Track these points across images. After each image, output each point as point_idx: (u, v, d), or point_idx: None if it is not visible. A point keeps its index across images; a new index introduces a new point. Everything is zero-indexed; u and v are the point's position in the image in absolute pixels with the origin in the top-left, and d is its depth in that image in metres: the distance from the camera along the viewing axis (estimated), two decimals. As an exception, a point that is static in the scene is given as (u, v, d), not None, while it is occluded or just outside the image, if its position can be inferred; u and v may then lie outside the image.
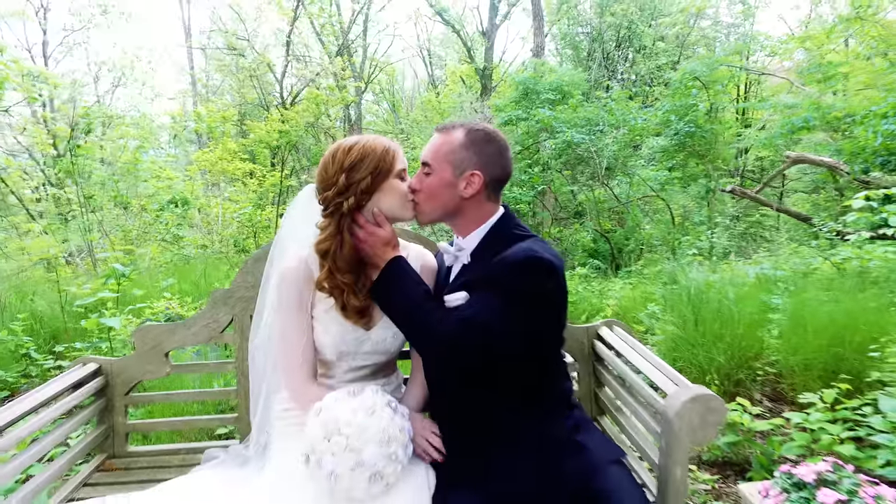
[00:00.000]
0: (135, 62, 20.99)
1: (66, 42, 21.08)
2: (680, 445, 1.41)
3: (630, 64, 14.83)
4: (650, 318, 3.87)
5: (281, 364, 1.53)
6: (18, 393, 3.63)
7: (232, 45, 16.82)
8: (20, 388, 3.62)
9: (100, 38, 30.85)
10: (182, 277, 4.60)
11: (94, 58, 22.59)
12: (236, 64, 16.59)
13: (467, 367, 1.40)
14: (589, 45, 15.48)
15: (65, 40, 20.83)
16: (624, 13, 13.18)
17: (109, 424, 1.93)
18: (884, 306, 2.93)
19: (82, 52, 36.13)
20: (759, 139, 7.46)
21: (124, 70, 21.05)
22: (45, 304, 3.93)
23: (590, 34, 15.35)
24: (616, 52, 14.56)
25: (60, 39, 20.55)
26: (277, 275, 1.54)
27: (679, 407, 1.39)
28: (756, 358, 3.16)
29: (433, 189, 1.49)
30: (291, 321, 1.50)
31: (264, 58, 15.79)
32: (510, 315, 1.35)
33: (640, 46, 14.11)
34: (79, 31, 20.69)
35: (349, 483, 1.29)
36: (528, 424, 1.46)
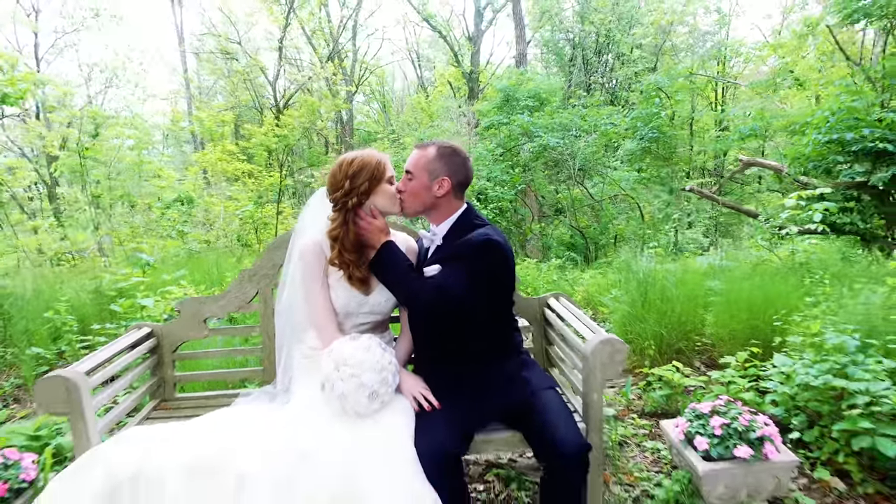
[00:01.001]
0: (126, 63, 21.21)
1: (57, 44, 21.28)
2: (594, 376, 1.91)
3: (609, 70, 15.40)
4: (612, 301, 4.39)
5: (311, 319, 2.01)
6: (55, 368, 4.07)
7: (224, 49, 17.09)
8: (56, 364, 4.07)
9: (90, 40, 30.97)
10: (192, 269, 5.05)
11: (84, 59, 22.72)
12: (229, 67, 16.93)
13: (441, 317, 1.91)
14: (571, 52, 16.03)
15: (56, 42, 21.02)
16: (602, 22, 13.71)
17: (161, 375, 2.40)
18: (793, 287, 3.47)
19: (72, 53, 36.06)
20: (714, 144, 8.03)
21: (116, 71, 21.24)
22: (72, 291, 4.38)
23: (572, 41, 15.92)
24: (595, 59, 15.14)
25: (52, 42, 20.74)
26: (297, 253, 2.03)
27: (593, 347, 1.90)
28: (695, 331, 3.69)
29: (414, 191, 1.99)
30: (314, 287, 1.98)
31: (257, 62, 16.17)
32: (471, 281, 1.85)
33: (619, 53, 14.70)
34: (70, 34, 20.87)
35: (354, 400, 1.78)
36: (490, 360, 1.97)
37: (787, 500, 2.29)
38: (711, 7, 16.14)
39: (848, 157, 5.10)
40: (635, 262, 4.03)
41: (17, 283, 4.48)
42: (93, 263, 6.35)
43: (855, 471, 2.36)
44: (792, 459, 2.20)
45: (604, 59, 15.70)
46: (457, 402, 1.87)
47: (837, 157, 5.03)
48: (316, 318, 2.00)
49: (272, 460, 1.71)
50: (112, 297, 3.92)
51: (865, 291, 3.11)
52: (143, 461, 1.74)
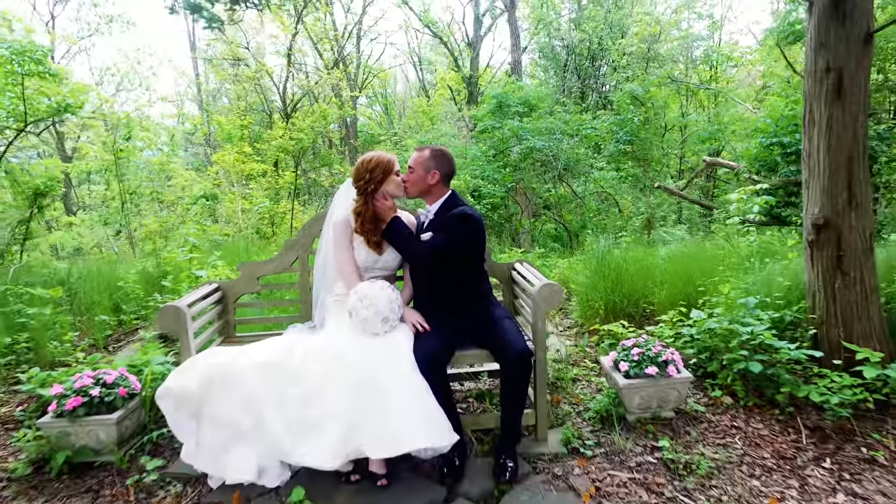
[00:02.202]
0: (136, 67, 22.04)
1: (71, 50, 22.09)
2: (539, 308, 2.72)
3: (602, 76, 16.20)
4: (580, 277, 5.20)
5: (340, 272, 2.81)
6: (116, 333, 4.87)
7: (235, 55, 17.86)
8: (118, 329, 4.88)
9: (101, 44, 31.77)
10: (223, 253, 5.85)
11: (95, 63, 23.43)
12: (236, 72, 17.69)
13: (433, 268, 2.72)
14: (565, 58, 16.83)
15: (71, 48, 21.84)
16: (593, 30, 14.51)
17: (225, 319, 3.21)
18: (719, 261, 4.29)
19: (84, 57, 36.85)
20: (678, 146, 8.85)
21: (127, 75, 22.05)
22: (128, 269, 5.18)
23: (566, 48, 16.72)
24: (589, 65, 15.96)
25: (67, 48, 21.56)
26: (332, 225, 2.84)
27: (538, 288, 2.70)
28: (643, 299, 4.49)
29: (415, 180, 2.80)
30: (343, 249, 2.79)
31: (266, 68, 16.98)
32: (453, 242, 2.66)
33: (610, 60, 15.49)
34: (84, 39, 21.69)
35: (372, 323, 2.58)
36: (467, 300, 2.78)
37: (687, 409, 3.09)
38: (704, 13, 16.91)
39: (787, 158, 5.90)
40: (597, 246, 4.84)
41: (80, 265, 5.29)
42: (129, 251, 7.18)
43: (739, 389, 3.16)
44: (687, 376, 3.01)
45: (597, 65, 16.51)
46: (442, 328, 2.68)
47: (777, 158, 5.83)
48: (343, 270, 2.80)
49: (316, 359, 2.53)
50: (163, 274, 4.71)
51: (771, 264, 3.92)
52: (228, 363, 2.57)
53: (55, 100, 5.57)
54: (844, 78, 3.00)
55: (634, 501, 2.39)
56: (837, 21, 2.97)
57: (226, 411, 2.52)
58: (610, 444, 2.83)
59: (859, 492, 2.36)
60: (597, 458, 2.72)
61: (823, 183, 3.12)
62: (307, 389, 2.48)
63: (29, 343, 4.13)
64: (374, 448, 2.33)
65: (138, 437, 2.96)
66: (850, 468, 2.53)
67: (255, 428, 2.49)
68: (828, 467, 2.55)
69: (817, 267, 3.21)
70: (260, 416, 2.49)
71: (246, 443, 2.52)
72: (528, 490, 2.50)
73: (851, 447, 2.68)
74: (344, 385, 2.44)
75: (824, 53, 3.03)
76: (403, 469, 2.64)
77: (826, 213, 3.12)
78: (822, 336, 3.22)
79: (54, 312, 4.43)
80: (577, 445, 2.81)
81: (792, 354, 2.97)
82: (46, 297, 4.61)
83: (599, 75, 16.43)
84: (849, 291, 3.12)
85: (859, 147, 3.04)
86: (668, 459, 2.65)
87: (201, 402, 2.54)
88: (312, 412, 2.44)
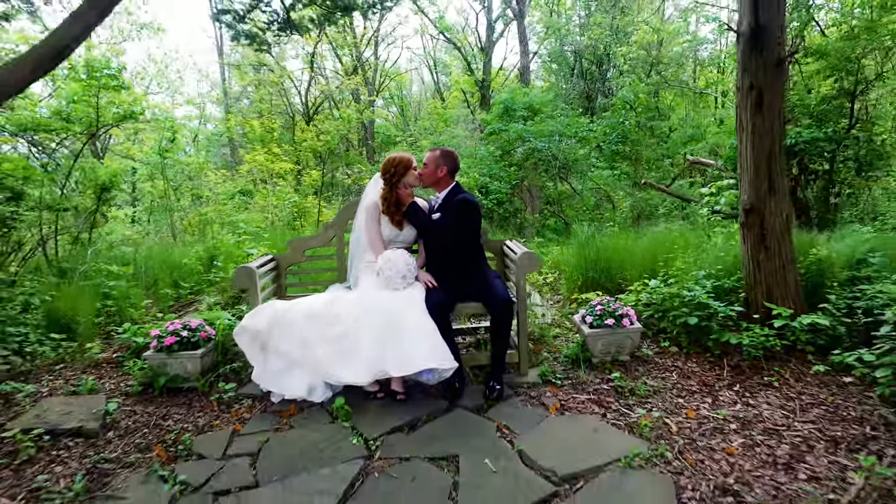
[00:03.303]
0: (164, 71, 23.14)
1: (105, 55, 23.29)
2: (520, 271, 3.56)
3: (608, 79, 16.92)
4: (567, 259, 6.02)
5: (369, 243, 3.67)
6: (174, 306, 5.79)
7: (260, 60, 18.84)
8: (177, 301, 5.81)
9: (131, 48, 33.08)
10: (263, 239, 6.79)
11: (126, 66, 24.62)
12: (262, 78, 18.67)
13: (441, 241, 3.59)
14: (573, 62, 17.57)
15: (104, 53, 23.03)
16: (598, 37, 15.26)
17: (279, 283, 4.10)
18: (674, 241, 5.11)
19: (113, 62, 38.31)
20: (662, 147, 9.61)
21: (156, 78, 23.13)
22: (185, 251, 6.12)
23: (574, 52, 17.46)
24: (596, 69, 16.71)
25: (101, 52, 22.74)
26: (364, 208, 3.71)
27: (518, 255, 3.55)
28: (619, 275, 5.29)
29: (427, 174, 3.66)
30: (372, 226, 3.65)
31: (289, 73, 18.00)
32: (455, 221, 3.52)
33: (616, 64, 16.23)
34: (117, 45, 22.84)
35: (394, 281, 3.45)
36: (466, 265, 3.63)
37: (640, 354, 3.91)
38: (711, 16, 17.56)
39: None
40: (581, 233, 5.67)
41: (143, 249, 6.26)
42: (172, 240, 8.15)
43: (683, 340, 3.97)
44: (639, 327, 3.83)
45: (603, 69, 17.23)
46: (447, 285, 3.53)
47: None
48: (373, 242, 3.67)
49: (351, 308, 3.41)
50: (211, 257, 5.64)
51: (721, 244, 4.73)
52: (287, 310, 3.45)
53: (122, 108, 6.53)
54: (764, 94, 3.80)
55: (588, 412, 3.22)
56: (756, 50, 3.77)
57: (285, 345, 3.40)
58: (576, 378, 3.66)
59: (752, 403, 3.17)
60: (564, 387, 3.56)
61: (750, 176, 3.92)
62: (345, 329, 3.36)
63: (113, 308, 5.06)
64: (394, 368, 3.19)
65: (212, 371, 3.85)
66: (751, 389, 3.34)
67: (306, 357, 3.37)
68: (735, 390, 3.36)
69: (747, 243, 4.01)
70: (310, 349, 3.37)
71: (299, 368, 3.40)
72: (510, 405, 3.34)
73: (757, 377, 3.49)
74: (373, 326, 3.31)
75: (748, 75, 3.84)
76: (416, 391, 3.50)
77: (752, 200, 3.92)
78: (752, 298, 4.01)
79: (128, 286, 5.38)
80: (550, 378, 3.64)
81: (720, 310, 3.78)
82: (121, 273, 5.56)
83: (606, 79, 17.15)
84: (770, 262, 3.91)
85: (776, 148, 3.84)
86: (618, 386, 3.48)
87: (267, 338, 3.43)
88: (349, 345, 3.31)
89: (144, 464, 2.82)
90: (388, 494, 2.49)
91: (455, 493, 2.48)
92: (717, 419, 3.02)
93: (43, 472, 2.73)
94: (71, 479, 2.66)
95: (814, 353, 3.64)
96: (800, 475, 2.48)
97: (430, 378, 3.44)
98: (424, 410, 3.28)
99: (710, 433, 2.88)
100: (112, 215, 11.06)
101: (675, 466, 2.59)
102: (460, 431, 3.03)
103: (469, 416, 3.21)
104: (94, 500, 2.52)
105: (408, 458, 2.79)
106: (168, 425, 3.24)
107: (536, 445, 2.82)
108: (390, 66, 25.02)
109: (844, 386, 3.29)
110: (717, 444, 2.78)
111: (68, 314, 4.59)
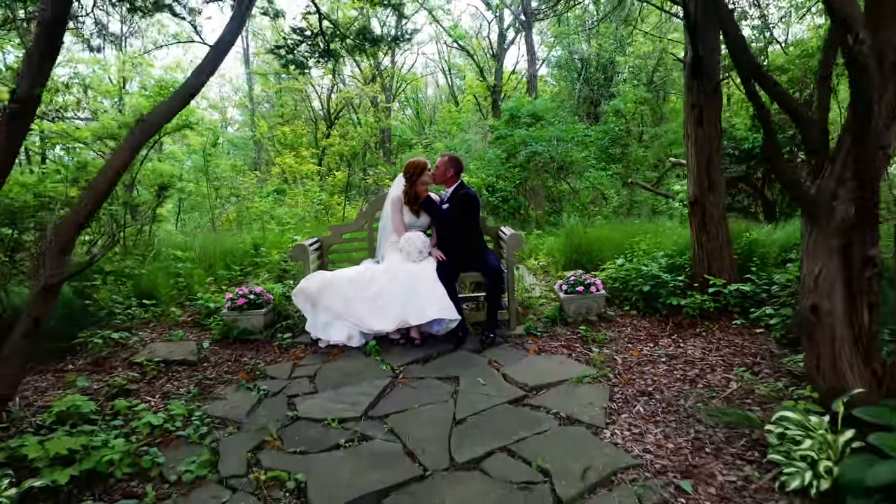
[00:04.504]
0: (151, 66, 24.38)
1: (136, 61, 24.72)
2: (510, 248, 4.63)
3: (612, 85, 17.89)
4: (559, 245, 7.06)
5: (394, 227, 4.75)
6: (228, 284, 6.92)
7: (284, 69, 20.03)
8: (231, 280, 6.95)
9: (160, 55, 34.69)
10: (299, 230, 7.91)
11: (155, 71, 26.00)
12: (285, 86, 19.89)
13: (449, 227, 4.67)
14: (580, 69, 18.56)
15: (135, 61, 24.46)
16: (600, 46, 16.24)
17: (322, 261, 5.21)
18: (646, 230, 6.12)
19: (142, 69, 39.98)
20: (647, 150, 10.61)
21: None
22: (235, 240, 7.29)
23: (580, 60, 18.45)
24: (601, 76, 17.70)
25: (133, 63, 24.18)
26: (390, 200, 4.79)
27: (509, 235, 4.62)
28: (598, 257, 6.32)
29: (438, 174, 4.73)
30: (396, 214, 4.73)
31: (311, 81, 19.21)
32: (459, 211, 4.60)
33: (618, 72, 17.21)
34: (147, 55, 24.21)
35: (412, 255, 4.52)
36: (468, 244, 4.71)
37: (605, 315, 4.93)
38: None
39: (732, 160, 7.62)
40: (568, 223, 6.72)
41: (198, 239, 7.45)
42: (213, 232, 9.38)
43: (640, 305, 4.99)
44: (603, 293, 4.87)
45: (608, 75, 18.20)
46: (453, 259, 4.59)
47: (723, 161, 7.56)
48: (396, 226, 4.75)
49: (380, 275, 4.50)
50: (255, 244, 6.79)
51: (679, 230, 5.74)
52: (332, 277, 4.55)
53: (180, 119, 7.70)
54: (704, 112, 4.81)
55: (558, 353, 4.27)
56: (697, 77, 4.79)
57: (330, 303, 4.49)
58: (553, 331, 4.71)
59: (682, 346, 4.19)
60: (543, 337, 4.60)
61: (694, 176, 4.94)
62: (377, 291, 4.44)
63: (183, 283, 6.21)
64: (413, 318, 4.27)
65: (271, 327, 4.95)
66: (684, 338, 4.37)
67: (347, 312, 4.46)
68: (673, 338, 4.38)
69: (693, 228, 5.02)
70: (350, 306, 4.46)
71: (341, 321, 4.49)
72: (500, 349, 4.40)
73: (692, 330, 4.51)
74: (397, 289, 4.39)
75: (691, 95, 4.86)
76: (429, 340, 4.58)
77: (696, 194, 4.94)
78: (696, 272, 5.01)
79: (192, 267, 6.53)
80: (533, 332, 4.69)
81: (669, 280, 4.81)
82: (185, 257, 6.72)
83: (611, 85, 18.11)
84: (710, 243, 4.92)
85: (714, 154, 4.85)
86: (584, 336, 4.52)
87: (317, 297, 4.52)
88: (379, 303, 4.40)
89: (234, 381, 3.93)
90: (409, 396, 3.56)
91: (455, 396, 3.55)
92: (653, 356, 4.05)
93: (166, 385, 3.86)
94: (187, 389, 3.78)
95: (739, 313, 4.65)
96: (699, 385, 3.52)
97: (440, 329, 4.52)
98: (435, 350, 4.35)
99: (645, 363, 3.92)
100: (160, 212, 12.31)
101: (614, 381, 3.64)
102: (461, 363, 4.09)
103: (469, 355, 4.28)
104: (206, 400, 3.64)
105: (422, 377, 3.86)
106: (245, 360, 4.36)
107: (516, 370, 3.88)
108: (406, 70, 26.17)
109: (755, 334, 4.30)
110: (648, 369, 3.81)
111: (150, 288, 5.74)
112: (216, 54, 3.50)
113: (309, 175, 12.14)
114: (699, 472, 2.56)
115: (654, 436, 2.92)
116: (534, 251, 7.63)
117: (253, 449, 2.98)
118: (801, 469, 2.28)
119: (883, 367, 2.67)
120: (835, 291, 2.69)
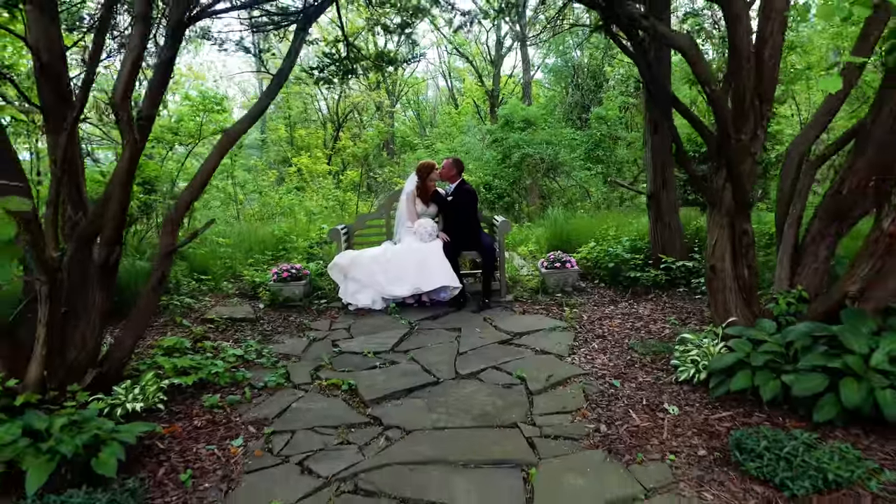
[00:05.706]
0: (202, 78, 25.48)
1: (151, 65, 25.67)
2: (501, 232, 5.76)
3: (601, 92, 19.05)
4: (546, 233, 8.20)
5: (408, 215, 5.87)
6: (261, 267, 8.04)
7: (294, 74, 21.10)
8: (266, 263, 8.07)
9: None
10: (324, 221, 9.08)
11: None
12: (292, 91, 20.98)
13: (452, 216, 5.82)
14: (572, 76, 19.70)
15: (151, 64, 25.41)
16: (591, 55, 17.39)
17: (350, 243, 6.34)
18: (618, 220, 7.26)
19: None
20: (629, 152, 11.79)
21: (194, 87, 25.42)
22: (266, 230, 8.44)
23: (572, 67, 19.60)
24: (591, 83, 18.86)
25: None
26: (405, 194, 5.91)
27: (500, 222, 5.76)
28: (578, 242, 7.45)
29: (444, 173, 5.86)
30: (410, 205, 5.85)
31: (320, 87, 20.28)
32: (461, 205, 5.74)
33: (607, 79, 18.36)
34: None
35: (423, 236, 5.66)
36: (468, 229, 5.84)
37: (578, 287, 6.07)
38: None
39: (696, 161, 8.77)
40: (552, 216, 7.87)
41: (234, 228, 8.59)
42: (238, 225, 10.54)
43: (607, 279, 6.11)
44: (577, 269, 6.01)
45: (598, 82, 19.34)
46: (455, 240, 5.71)
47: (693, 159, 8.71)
48: (410, 215, 5.89)
49: (398, 253, 5.64)
50: (284, 234, 7.97)
51: (643, 220, 6.88)
52: (358, 255, 5.70)
53: (217, 124, 8.84)
54: (658, 123, 5.96)
55: (539, 314, 5.39)
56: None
57: (358, 274, 5.62)
58: (536, 299, 5.84)
59: (636, 307, 5.32)
60: (528, 303, 5.73)
61: (651, 175, 6.07)
62: (396, 265, 5.57)
63: (228, 263, 7.33)
64: (424, 285, 5.41)
65: (308, 297, 6.07)
66: (638, 302, 5.50)
67: (371, 282, 5.59)
68: (629, 302, 5.52)
69: (651, 218, 6.15)
70: (374, 277, 5.58)
71: (367, 289, 5.62)
72: (494, 311, 5.52)
73: (645, 297, 5.64)
74: (412, 262, 5.52)
75: (649, 112, 6.00)
76: (438, 304, 5.71)
77: (653, 190, 6.07)
78: (653, 253, 6.15)
79: (233, 251, 7.66)
80: (520, 299, 5.82)
81: (629, 259, 5.95)
82: (226, 243, 7.85)
83: (600, 91, 19.25)
84: (664, 230, 6.05)
85: (667, 157, 5.99)
86: (559, 301, 5.64)
87: (347, 270, 5.65)
88: (398, 274, 5.54)
89: (287, 332, 5.06)
90: (423, 339, 4.70)
91: (458, 339, 4.67)
92: (611, 314, 5.20)
93: (235, 334, 5.00)
94: (252, 336, 4.92)
95: (684, 284, 5.80)
96: (642, 332, 4.66)
97: (445, 296, 5.65)
98: (442, 311, 5.49)
99: (604, 318, 5.06)
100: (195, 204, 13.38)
101: (578, 330, 4.77)
102: (463, 320, 5.22)
103: (469, 315, 5.40)
104: (269, 343, 4.78)
105: (432, 329, 5.00)
106: (291, 319, 5.48)
107: (505, 323, 5.02)
108: (408, 74, 27.27)
109: (694, 300, 5.44)
110: (606, 323, 4.95)
111: (202, 267, 6.87)
112: (277, 82, 4.64)
113: (322, 174, 13.28)
114: (626, 375, 3.70)
115: (601, 360, 4.06)
116: (525, 240, 8.78)
117: (313, 370, 4.11)
118: (689, 367, 3.42)
119: (759, 307, 3.81)
120: (725, 255, 3.82)
